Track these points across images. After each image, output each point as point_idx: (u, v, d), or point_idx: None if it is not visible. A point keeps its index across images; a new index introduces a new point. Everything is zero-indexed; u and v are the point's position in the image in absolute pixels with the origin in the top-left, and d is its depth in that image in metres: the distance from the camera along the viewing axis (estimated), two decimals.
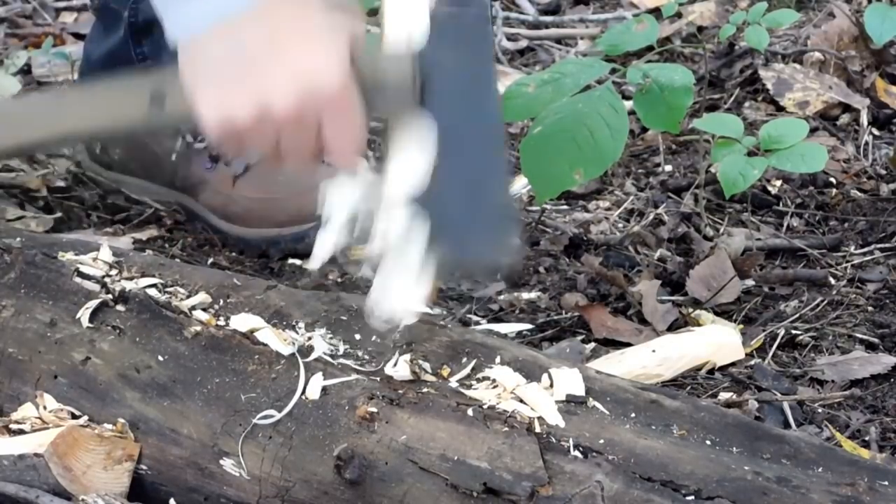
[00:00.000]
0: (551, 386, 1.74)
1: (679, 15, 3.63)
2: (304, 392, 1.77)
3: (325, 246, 1.72)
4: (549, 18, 3.91)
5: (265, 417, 1.76)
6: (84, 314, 1.93)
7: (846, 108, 3.30)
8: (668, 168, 3.07)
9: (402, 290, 1.70)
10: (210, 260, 2.67)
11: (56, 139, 1.90)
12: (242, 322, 1.88)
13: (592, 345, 2.39)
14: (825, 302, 2.54)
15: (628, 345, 2.38)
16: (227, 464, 1.79)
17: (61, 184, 2.88)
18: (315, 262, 1.72)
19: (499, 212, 1.68)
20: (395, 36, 1.67)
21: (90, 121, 1.78)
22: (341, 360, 1.81)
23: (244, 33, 1.60)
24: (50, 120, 1.79)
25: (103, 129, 1.84)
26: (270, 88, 1.60)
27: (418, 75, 1.65)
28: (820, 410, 2.23)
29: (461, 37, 1.66)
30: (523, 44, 3.76)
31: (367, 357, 1.82)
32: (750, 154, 2.53)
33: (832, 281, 2.62)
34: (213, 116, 1.64)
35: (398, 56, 1.66)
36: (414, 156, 1.67)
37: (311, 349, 1.82)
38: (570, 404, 1.71)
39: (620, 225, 2.85)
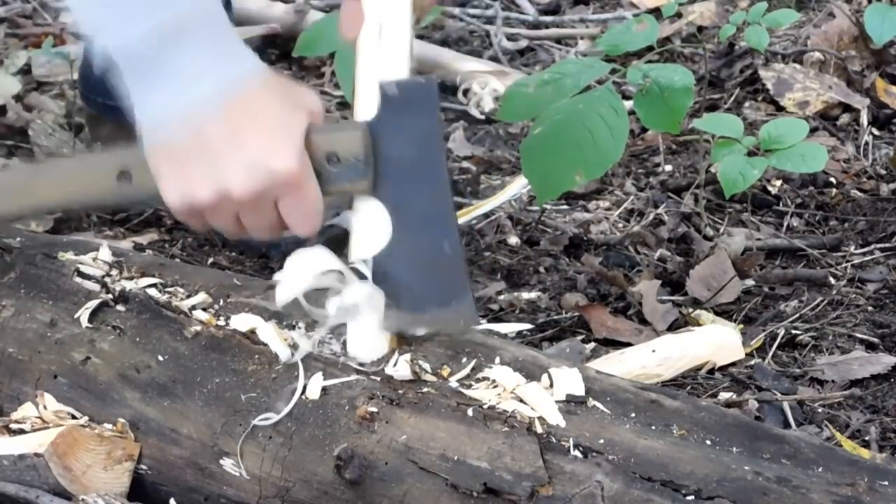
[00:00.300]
0: (551, 386, 1.74)
1: (679, 15, 3.64)
2: (304, 392, 1.77)
3: (285, 292, 1.80)
4: (549, 18, 3.92)
5: (264, 419, 1.76)
6: (83, 314, 1.93)
7: (846, 108, 3.31)
8: (668, 168, 3.07)
9: (365, 346, 1.81)
10: (210, 260, 2.67)
11: (27, 212, 2.00)
12: (242, 322, 1.88)
13: (592, 345, 2.40)
14: (825, 302, 2.54)
15: (628, 345, 2.38)
16: (227, 464, 1.79)
17: None
18: (278, 304, 1.81)
19: (451, 279, 1.78)
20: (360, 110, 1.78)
21: (61, 194, 1.89)
22: (341, 360, 1.81)
23: (206, 126, 1.71)
24: (21, 193, 1.90)
25: (73, 202, 1.95)
26: (229, 175, 1.72)
27: (370, 148, 1.75)
28: (820, 410, 2.23)
29: (410, 106, 1.75)
30: (523, 44, 3.76)
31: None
32: (750, 154, 2.53)
33: (832, 281, 2.63)
34: (176, 198, 1.75)
35: (350, 131, 1.76)
36: (370, 230, 1.77)
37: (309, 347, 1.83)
38: (570, 404, 1.71)
39: (620, 225, 2.85)
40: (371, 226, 1.78)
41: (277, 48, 3.70)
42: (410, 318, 1.79)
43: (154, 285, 1.99)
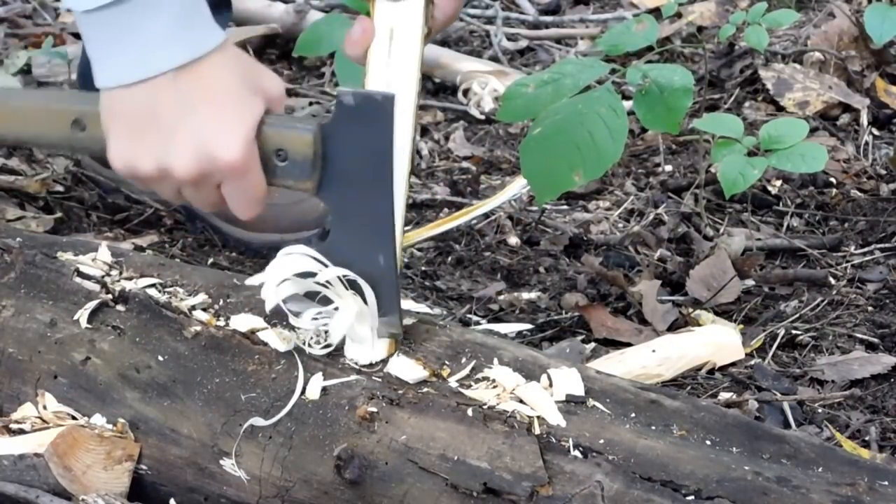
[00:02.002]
0: (551, 386, 1.74)
1: (679, 15, 3.64)
2: (303, 392, 1.77)
3: (269, 299, 1.79)
4: (549, 18, 3.92)
5: (258, 420, 1.77)
6: (83, 314, 1.93)
7: (846, 108, 3.31)
8: (668, 168, 3.07)
9: (363, 352, 1.82)
10: (210, 260, 2.67)
11: None
12: (242, 322, 1.88)
13: (592, 345, 2.40)
14: (825, 302, 2.54)
15: (628, 345, 2.38)
16: (227, 464, 1.79)
17: (60, 189, 2.88)
18: (266, 308, 1.80)
19: (382, 291, 1.79)
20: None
21: (14, 128, 1.90)
22: (341, 360, 1.81)
23: (159, 95, 1.72)
24: None
25: (26, 140, 1.98)
26: (172, 151, 1.73)
27: (319, 151, 1.77)
28: (820, 410, 2.23)
29: (364, 118, 1.76)
30: (523, 44, 3.76)
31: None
32: (750, 154, 2.53)
33: (832, 281, 2.63)
34: (120, 162, 1.77)
35: (302, 131, 1.78)
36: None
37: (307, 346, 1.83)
38: (570, 404, 1.71)
39: (620, 225, 2.85)
40: None
41: (277, 48, 3.71)
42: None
43: (154, 285, 1.99)
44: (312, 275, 1.78)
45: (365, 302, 1.78)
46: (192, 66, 1.72)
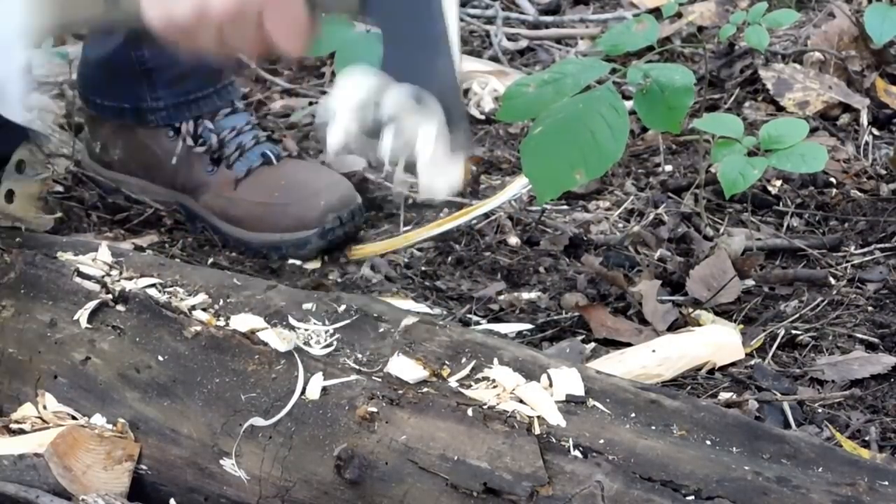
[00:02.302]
0: (551, 386, 1.74)
1: (679, 15, 3.63)
2: (303, 392, 1.77)
3: (336, 134, 1.70)
4: (549, 18, 3.91)
5: (258, 420, 1.77)
6: (83, 315, 1.93)
7: (846, 108, 3.30)
8: (668, 168, 3.07)
9: (439, 179, 1.71)
10: (210, 260, 2.67)
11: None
12: (242, 322, 1.88)
13: (592, 345, 2.39)
14: (825, 302, 2.54)
15: (628, 345, 2.38)
16: (227, 464, 1.79)
17: (60, 189, 2.87)
18: (331, 151, 1.72)
19: (450, 99, 1.69)
20: None
21: (52, 13, 1.84)
22: (341, 360, 1.81)
23: None
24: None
25: (62, 22, 1.92)
26: None
27: None
28: (820, 410, 2.23)
29: None
30: (523, 44, 3.76)
31: (367, 357, 1.82)
32: (750, 154, 2.53)
33: (832, 281, 2.62)
34: (156, 14, 1.72)
35: None
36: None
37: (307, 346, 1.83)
38: (570, 404, 1.71)
39: (620, 225, 2.85)
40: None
41: None
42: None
43: (154, 285, 1.99)
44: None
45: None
46: None
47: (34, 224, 2.10)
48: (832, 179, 3.00)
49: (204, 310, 1.93)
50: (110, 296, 1.96)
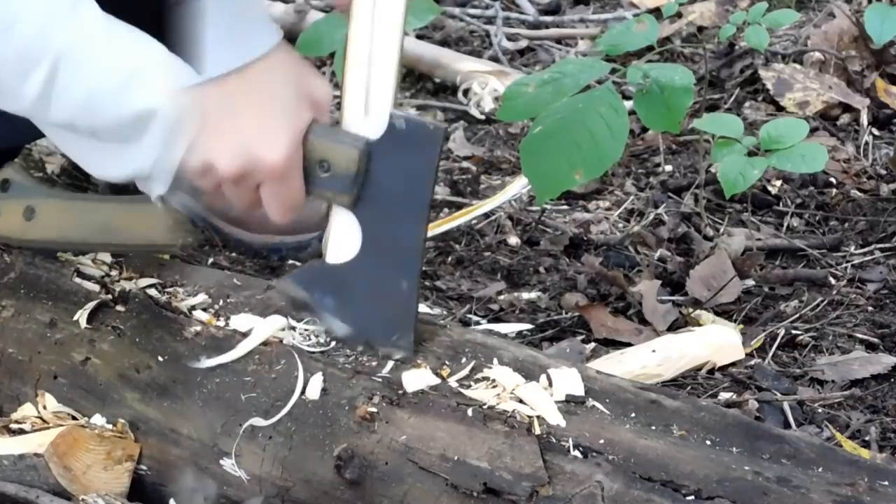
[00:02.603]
0: (551, 386, 1.74)
1: (679, 15, 3.63)
2: (303, 392, 1.77)
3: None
4: (549, 18, 3.91)
5: (258, 420, 1.77)
6: (83, 315, 1.93)
7: (846, 108, 3.30)
8: (668, 168, 3.07)
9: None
10: (210, 260, 2.67)
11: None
12: (242, 322, 1.88)
13: (592, 345, 2.39)
14: (825, 302, 2.54)
15: (628, 345, 2.38)
16: (227, 464, 1.79)
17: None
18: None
19: (400, 315, 1.81)
20: (352, 123, 1.79)
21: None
22: (341, 360, 1.81)
23: (206, 100, 1.74)
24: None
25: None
26: (216, 147, 1.75)
27: (363, 168, 1.78)
28: (820, 410, 2.23)
29: (411, 145, 1.77)
30: (523, 44, 3.76)
31: (367, 357, 1.82)
32: (750, 154, 2.53)
33: (832, 281, 2.62)
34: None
35: (349, 146, 1.78)
36: (344, 238, 1.82)
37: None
38: (570, 404, 1.71)
39: (620, 225, 2.85)
40: (346, 234, 1.82)
41: None
42: (350, 334, 1.83)
43: (154, 285, 1.99)
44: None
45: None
46: (241, 71, 1.74)
47: (176, 249, 2.12)
48: (832, 179, 3.00)
49: (204, 310, 1.93)
50: (110, 296, 1.96)
